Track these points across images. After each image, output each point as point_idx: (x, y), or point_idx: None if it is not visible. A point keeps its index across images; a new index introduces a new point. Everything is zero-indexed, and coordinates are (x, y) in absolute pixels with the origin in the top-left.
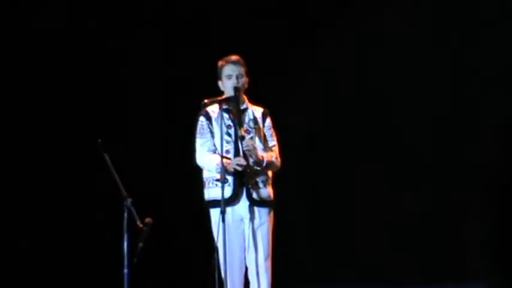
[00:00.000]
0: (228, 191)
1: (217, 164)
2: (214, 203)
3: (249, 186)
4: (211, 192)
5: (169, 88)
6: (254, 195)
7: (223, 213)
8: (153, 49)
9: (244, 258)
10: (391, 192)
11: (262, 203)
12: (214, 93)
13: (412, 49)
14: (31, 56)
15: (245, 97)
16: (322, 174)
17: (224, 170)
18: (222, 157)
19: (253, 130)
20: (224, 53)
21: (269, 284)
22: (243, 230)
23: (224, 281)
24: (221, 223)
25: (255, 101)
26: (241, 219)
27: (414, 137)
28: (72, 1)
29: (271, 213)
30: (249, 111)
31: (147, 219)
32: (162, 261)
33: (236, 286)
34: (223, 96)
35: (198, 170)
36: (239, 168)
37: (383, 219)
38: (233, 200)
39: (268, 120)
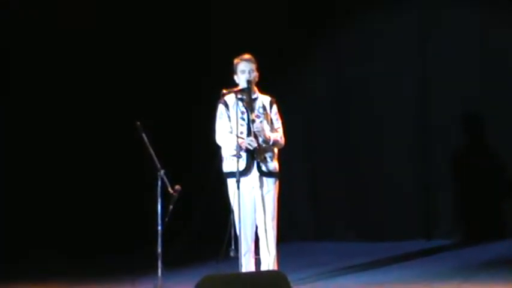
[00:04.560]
0: (242, 165)
1: (234, 143)
2: (231, 174)
3: (259, 160)
4: (229, 165)
5: (197, 82)
6: (263, 168)
7: (238, 182)
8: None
9: (255, 218)
10: (376, 169)
11: (269, 174)
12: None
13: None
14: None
15: (256, 88)
16: (318, 150)
17: (239, 147)
18: (237, 137)
19: (262, 115)
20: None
21: (275, 238)
22: (254, 196)
23: (239, 236)
24: (236, 190)
25: (264, 91)
26: (253, 187)
27: (395, 124)
28: None
29: (277, 182)
30: (259, 100)
31: (177, 187)
32: (188, 220)
33: (248, 240)
34: (238, 88)
35: (218, 148)
36: (250, 147)
37: (368, 188)
38: (246, 171)
39: (274, 107)
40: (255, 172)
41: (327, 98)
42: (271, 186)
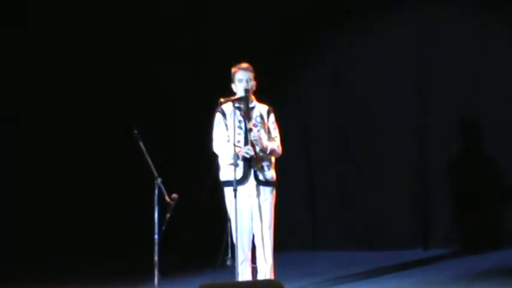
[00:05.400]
0: (239, 173)
1: (231, 151)
2: (228, 183)
3: (256, 169)
4: (226, 174)
5: (195, 90)
6: (260, 177)
7: (235, 191)
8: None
9: (252, 227)
10: (374, 178)
11: (266, 182)
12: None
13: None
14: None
15: (253, 97)
16: (315, 159)
17: (236, 156)
18: (235, 146)
19: (260, 124)
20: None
21: (272, 247)
22: (251, 204)
23: (235, 244)
24: (233, 199)
25: (261, 100)
26: (249, 196)
27: (393, 132)
28: None
29: (274, 191)
30: (257, 109)
31: (174, 195)
32: (186, 228)
33: (245, 249)
34: (236, 97)
35: (215, 156)
36: (247, 156)
37: (366, 196)
38: (243, 180)
39: (272, 116)
40: (252, 181)
41: (325, 106)
42: (268, 195)
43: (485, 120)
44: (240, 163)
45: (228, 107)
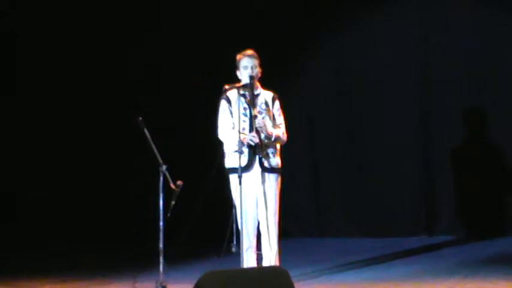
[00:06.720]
0: (244, 160)
1: (236, 139)
2: (233, 170)
3: (261, 156)
4: (231, 161)
5: (199, 77)
6: (265, 164)
7: (240, 178)
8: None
9: (257, 214)
10: (379, 165)
11: (271, 169)
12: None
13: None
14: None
15: (258, 84)
16: (320, 146)
17: (241, 143)
18: (240, 133)
19: (265, 111)
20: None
21: (277, 234)
22: (256, 191)
23: (240, 231)
24: (238, 186)
25: (266, 87)
26: (255, 183)
27: (397, 120)
28: None
29: (279, 178)
30: (262, 96)
31: (179, 182)
32: (190, 216)
33: (250, 236)
34: (241, 83)
35: (220, 143)
36: (252, 143)
37: (370, 184)
38: (248, 167)
39: (277, 103)
40: (257, 168)
41: (329, 94)
42: (273, 182)
43: (488, 109)
44: (245, 150)
45: (233, 94)
